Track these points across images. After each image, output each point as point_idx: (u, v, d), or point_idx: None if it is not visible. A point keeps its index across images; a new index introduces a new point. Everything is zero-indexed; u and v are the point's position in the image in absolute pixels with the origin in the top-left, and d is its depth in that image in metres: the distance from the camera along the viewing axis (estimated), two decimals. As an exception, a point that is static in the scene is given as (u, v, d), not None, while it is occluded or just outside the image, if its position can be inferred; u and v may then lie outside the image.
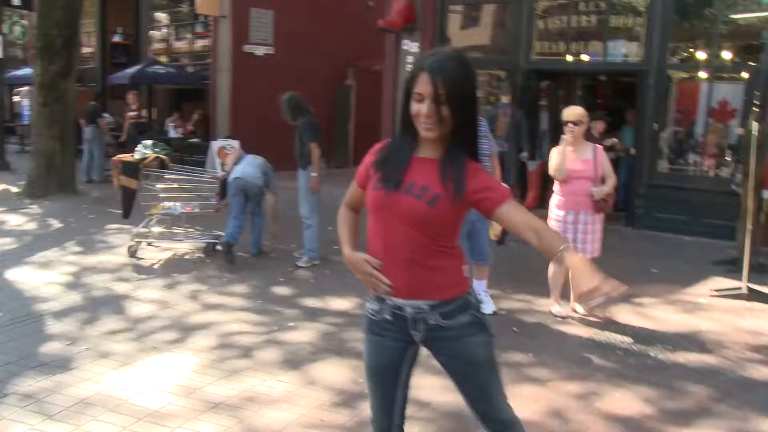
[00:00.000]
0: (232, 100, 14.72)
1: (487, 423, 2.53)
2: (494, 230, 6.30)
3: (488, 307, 5.91)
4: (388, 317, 2.43)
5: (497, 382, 2.51)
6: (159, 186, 7.72)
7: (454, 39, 12.47)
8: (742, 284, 6.95)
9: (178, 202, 7.74)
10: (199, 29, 16.67)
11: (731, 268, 7.87)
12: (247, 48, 14.92)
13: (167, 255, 7.63)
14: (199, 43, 16.72)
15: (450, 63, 2.24)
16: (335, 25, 15.80)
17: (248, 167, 7.54)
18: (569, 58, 11.06)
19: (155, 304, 5.89)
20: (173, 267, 7.16)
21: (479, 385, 2.47)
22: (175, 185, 7.77)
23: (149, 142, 8.18)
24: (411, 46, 12.17)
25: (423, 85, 2.21)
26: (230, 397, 4.06)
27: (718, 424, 3.98)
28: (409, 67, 12.19)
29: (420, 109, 2.23)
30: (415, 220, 2.29)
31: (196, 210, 7.81)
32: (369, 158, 2.49)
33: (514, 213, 2.27)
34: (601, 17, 10.77)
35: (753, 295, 6.84)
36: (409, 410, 2.69)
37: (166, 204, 7.70)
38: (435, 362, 2.53)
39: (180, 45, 17.54)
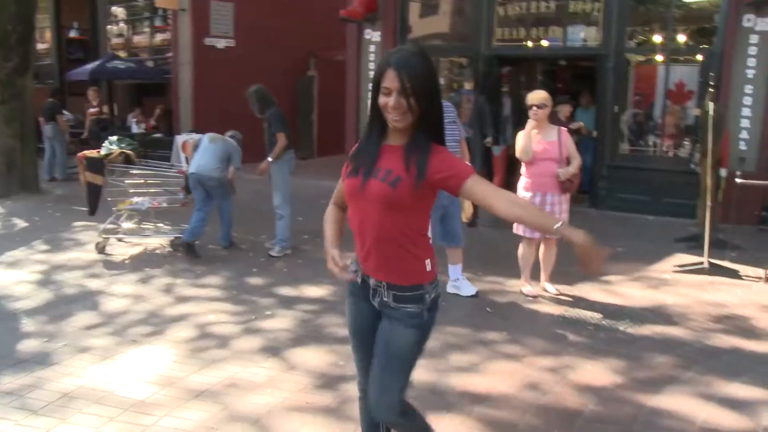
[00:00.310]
0: (194, 94, 14.63)
1: (373, 407, 2.67)
2: (465, 213, 6.42)
3: (468, 289, 6.03)
4: (358, 282, 2.66)
5: (399, 380, 2.62)
6: (126, 182, 7.67)
7: (415, 28, 12.56)
8: (704, 259, 7.18)
9: (145, 198, 7.70)
10: (158, 23, 16.48)
11: (693, 244, 8.11)
12: (208, 41, 14.82)
13: (138, 250, 7.60)
14: (159, 37, 16.54)
15: (413, 59, 2.41)
16: (296, 16, 15.78)
17: (204, 157, 7.44)
18: (529, 43, 11.22)
19: (130, 298, 5.88)
20: (144, 262, 7.14)
21: (382, 369, 2.61)
22: (142, 180, 7.73)
23: (115, 137, 8.11)
24: (373, 35, 12.24)
25: (390, 80, 2.38)
26: (213, 385, 4.10)
27: (685, 390, 4.16)
28: (372, 57, 12.27)
29: (388, 101, 2.40)
30: (380, 201, 2.46)
31: (164, 205, 7.77)
32: (352, 148, 2.69)
33: (480, 186, 2.40)
34: (560, 3, 10.94)
35: (714, 270, 7.08)
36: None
37: (134, 199, 7.66)
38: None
39: (139, 39, 17.31)
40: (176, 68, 14.96)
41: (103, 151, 7.79)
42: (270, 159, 7.33)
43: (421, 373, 4.31)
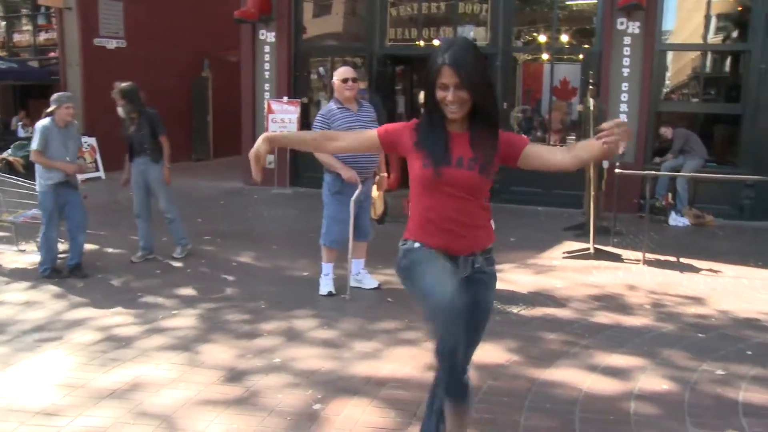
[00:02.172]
0: (85, 96, 14.16)
1: (465, 366, 2.80)
2: (375, 210, 6.60)
3: (370, 282, 6.21)
4: (440, 253, 2.74)
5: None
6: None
7: (309, 28, 12.69)
8: (589, 246, 7.66)
9: (19, 211, 7.36)
10: (41, 21, 15.84)
11: (580, 232, 8.63)
12: (97, 41, 14.37)
13: (31, 259, 7.33)
14: (43, 36, 15.90)
15: (466, 53, 2.59)
16: (189, 16, 15.58)
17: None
18: (421, 43, 11.55)
19: (24, 305, 5.71)
20: (36, 271, 6.83)
21: (481, 331, 2.89)
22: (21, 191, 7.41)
23: (18, 143, 7.76)
24: (267, 36, 12.28)
25: (447, 77, 2.56)
26: (120, 387, 4.07)
27: (572, 363, 4.51)
28: (267, 57, 12.31)
29: (446, 96, 2.58)
30: (471, 189, 2.67)
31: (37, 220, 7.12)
32: (404, 129, 2.78)
33: (535, 149, 2.73)
34: (450, 3, 11.35)
35: (598, 255, 7.59)
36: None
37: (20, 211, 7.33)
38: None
39: (20, 38, 16.58)
40: (64, 69, 14.42)
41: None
42: (168, 166, 7.20)
43: (327, 361, 4.47)
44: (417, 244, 2.76)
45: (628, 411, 3.78)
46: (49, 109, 6.48)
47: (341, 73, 5.81)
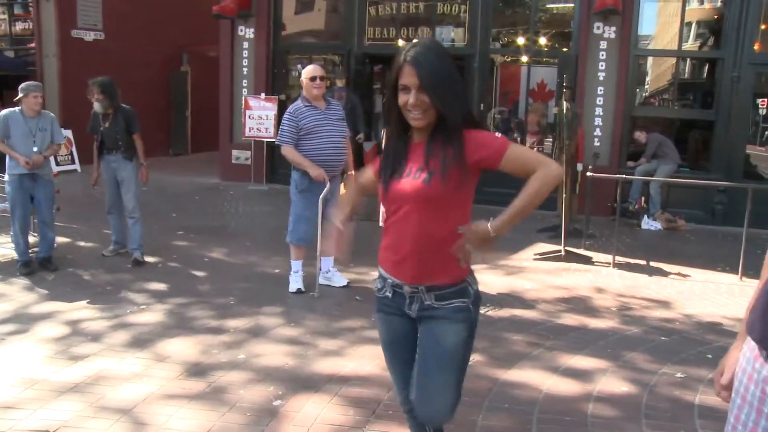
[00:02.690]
0: (62, 88, 14.04)
1: (428, 411, 2.52)
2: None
3: (339, 280, 6.23)
4: (389, 294, 2.52)
5: (456, 378, 2.48)
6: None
7: (288, 25, 12.68)
8: (561, 248, 7.72)
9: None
10: (18, 10, 15.67)
11: (552, 234, 8.71)
12: (75, 33, 14.26)
13: (1, 251, 7.27)
14: (19, 26, 15.71)
15: (429, 52, 2.34)
16: (168, 10, 15.51)
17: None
18: (400, 42, 11.58)
19: (-7, 297, 5.68)
20: (3, 264, 6.79)
21: (436, 370, 2.44)
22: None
23: None
24: (246, 32, 12.25)
25: (407, 77, 2.30)
26: (82, 380, 4.06)
27: (535, 364, 4.55)
28: (245, 53, 12.29)
29: (407, 99, 2.31)
30: (416, 200, 2.35)
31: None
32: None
33: (516, 157, 2.34)
34: (429, 4, 11.39)
35: (569, 257, 7.66)
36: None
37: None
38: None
39: (-5, 28, 16.39)
40: (41, 60, 14.29)
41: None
42: (144, 164, 7.03)
43: (291, 358, 4.48)
44: (376, 286, 2.59)
45: (585, 412, 3.83)
46: (16, 98, 6.42)
47: (309, 71, 5.82)
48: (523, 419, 3.71)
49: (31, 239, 6.79)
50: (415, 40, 2.47)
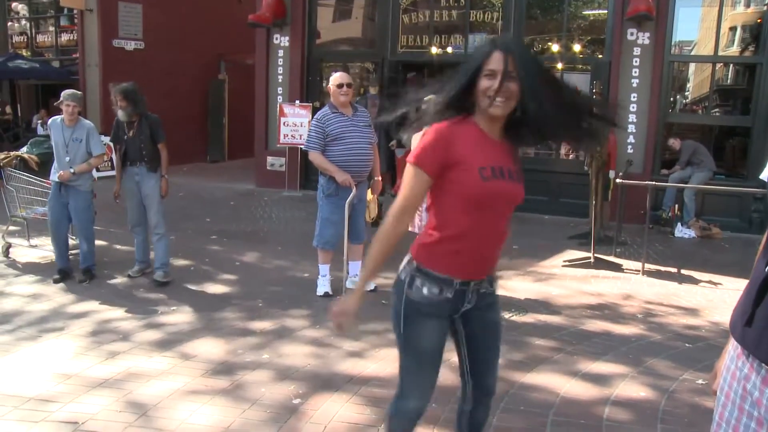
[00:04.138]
0: (103, 96, 14.42)
1: (487, 394, 2.71)
2: (370, 213, 6.69)
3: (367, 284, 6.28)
4: (450, 296, 2.45)
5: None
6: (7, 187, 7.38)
7: (323, 33, 12.85)
8: (591, 255, 7.70)
9: (34, 206, 7.44)
10: (63, 22, 16.18)
11: (583, 241, 8.67)
12: (116, 43, 14.68)
13: (42, 254, 7.51)
14: (65, 37, 16.25)
15: (520, 43, 2.37)
16: (205, 19, 15.84)
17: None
18: (434, 50, 11.65)
19: (30, 298, 5.88)
20: (46, 266, 7.02)
21: (495, 353, 2.67)
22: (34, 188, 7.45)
23: (35, 140, 7.89)
24: (281, 40, 12.44)
25: (496, 63, 2.26)
26: (112, 376, 4.22)
27: (554, 368, 4.57)
28: (280, 62, 12.46)
29: (492, 85, 2.27)
30: (516, 203, 2.42)
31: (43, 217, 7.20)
32: (435, 144, 2.35)
33: None
34: (462, 12, 11.44)
35: (599, 264, 7.63)
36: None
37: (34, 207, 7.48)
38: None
39: (43, 39, 16.95)
40: (83, 69, 14.74)
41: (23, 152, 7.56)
42: (166, 176, 6.62)
43: (314, 359, 4.57)
44: (425, 293, 2.45)
45: (601, 416, 3.84)
46: (56, 102, 6.55)
47: (336, 78, 5.93)
48: (538, 422, 3.74)
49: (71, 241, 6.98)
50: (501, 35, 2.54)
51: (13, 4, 17.05)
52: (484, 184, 2.30)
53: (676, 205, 10.11)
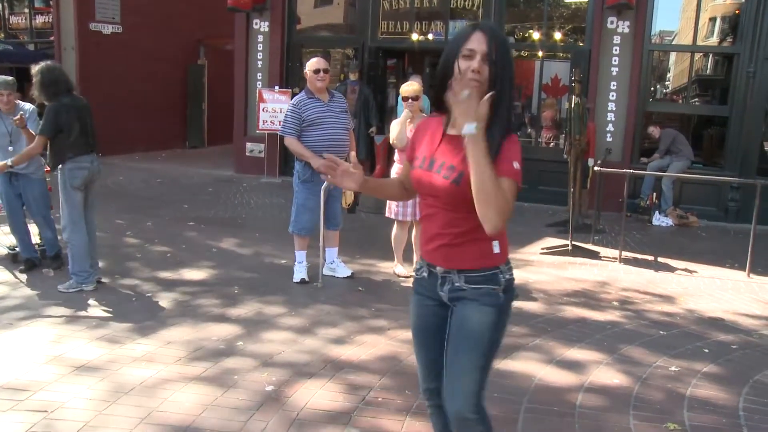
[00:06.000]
0: (80, 80, 14.21)
1: (448, 397, 2.47)
2: (346, 199, 6.66)
3: (343, 271, 6.29)
4: (425, 274, 2.51)
5: (478, 364, 2.40)
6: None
7: (303, 18, 12.75)
8: (568, 242, 7.72)
9: None
10: (38, 4, 15.89)
11: (561, 229, 8.70)
12: (93, 26, 14.45)
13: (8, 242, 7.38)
14: (40, 19, 15.95)
15: (499, 30, 2.34)
16: (185, 3, 15.66)
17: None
18: (414, 37, 11.60)
19: (5, 285, 5.80)
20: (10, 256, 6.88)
21: (457, 353, 2.42)
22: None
23: None
24: (261, 25, 12.33)
25: (476, 43, 2.24)
26: (90, 361, 4.17)
27: (529, 355, 4.58)
28: (260, 47, 12.36)
29: (470, 65, 2.24)
30: (445, 197, 2.34)
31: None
32: (413, 137, 2.55)
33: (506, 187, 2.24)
34: (442, -1, 11.38)
35: (576, 251, 7.66)
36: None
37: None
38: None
39: (17, 20, 16.62)
40: (59, 52, 14.49)
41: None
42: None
43: (289, 346, 4.55)
44: (418, 265, 2.58)
45: (574, 403, 3.86)
46: None
47: (313, 64, 5.89)
48: (511, 408, 3.74)
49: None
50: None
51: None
52: (412, 172, 2.48)
53: (654, 194, 10.16)
